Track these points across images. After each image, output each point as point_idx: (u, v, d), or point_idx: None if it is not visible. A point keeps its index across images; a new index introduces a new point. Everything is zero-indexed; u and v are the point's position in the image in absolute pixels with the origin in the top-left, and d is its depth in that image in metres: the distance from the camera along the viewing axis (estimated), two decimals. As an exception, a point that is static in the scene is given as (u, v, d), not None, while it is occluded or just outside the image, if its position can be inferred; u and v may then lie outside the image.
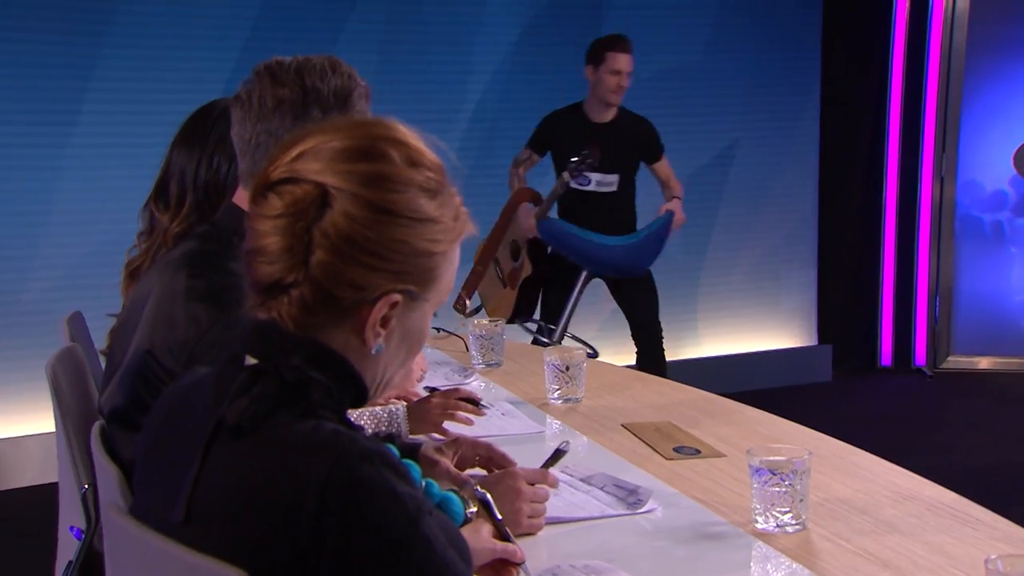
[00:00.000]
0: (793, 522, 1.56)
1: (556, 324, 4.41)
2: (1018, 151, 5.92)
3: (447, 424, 2.02)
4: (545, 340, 4.39)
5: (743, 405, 2.33)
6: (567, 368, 2.29)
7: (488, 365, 2.62)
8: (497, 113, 5.26)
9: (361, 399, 1.11)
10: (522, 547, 1.37)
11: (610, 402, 2.31)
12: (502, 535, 1.35)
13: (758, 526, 1.57)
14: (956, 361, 6.18)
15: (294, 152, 1.08)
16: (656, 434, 2.07)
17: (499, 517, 1.35)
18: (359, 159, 1.07)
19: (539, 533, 1.57)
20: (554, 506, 1.64)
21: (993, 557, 1.18)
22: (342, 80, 1.61)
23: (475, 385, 2.49)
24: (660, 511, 1.65)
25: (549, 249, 4.48)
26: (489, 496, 1.36)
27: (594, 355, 4.53)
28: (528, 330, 4.47)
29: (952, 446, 4.76)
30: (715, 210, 5.79)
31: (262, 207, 1.07)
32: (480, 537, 1.33)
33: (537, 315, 4.55)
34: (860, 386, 5.92)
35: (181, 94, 3.93)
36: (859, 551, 1.49)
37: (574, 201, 4.40)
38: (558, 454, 1.70)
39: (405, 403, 2.05)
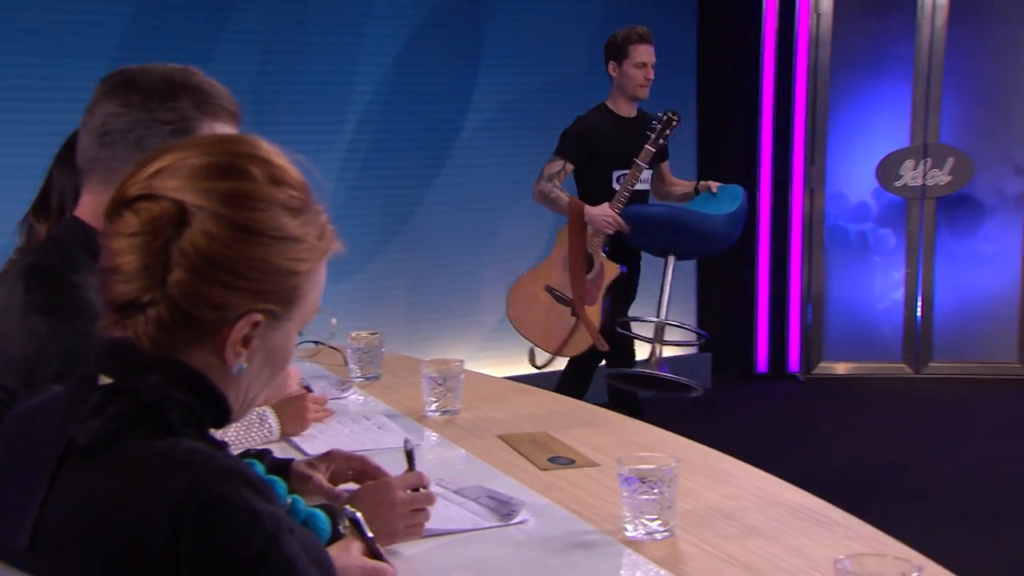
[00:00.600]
0: (661, 529, 1.59)
1: (657, 316, 4.19)
2: (881, 164, 6.18)
3: (322, 444, 2.01)
4: (649, 338, 4.25)
5: (618, 415, 2.36)
6: (444, 380, 2.29)
7: (367, 378, 2.60)
8: (381, 123, 5.25)
9: (223, 418, 1.09)
10: (394, 562, 1.37)
11: (487, 413, 2.32)
12: (373, 553, 1.34)
13: (628, 534, 1.59)
14: (827, 367, 6.40)
15: (152, 168, 1.06)
16: (531, 445, 2.08)
17: (370, 535, 1.34)
18: (219, 176, 1.05)
19: (411, 548, 1.56)
20: (427, 519, 1.64)
21: (842, 557, 1.23)
22: (186, 94, 1.56)
23: (353, 399, 2.47)
24: (533, 522, 1.67)
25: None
26: (359, 514, 1.35)
27: (706, 338, 4.56)
28: (638, 337, 4.22)
29: (823, 449, 4.92)
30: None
31: (117, 225, 1.04)
32: (350, 555, 1.31)
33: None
34: (738, 393, 6.07)
35: (51, 103, 3.80)
36: (723, 556, 1.53)
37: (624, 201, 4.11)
38: (409, 456, 1.68)
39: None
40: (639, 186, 4.12)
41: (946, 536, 3.72)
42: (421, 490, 1.57)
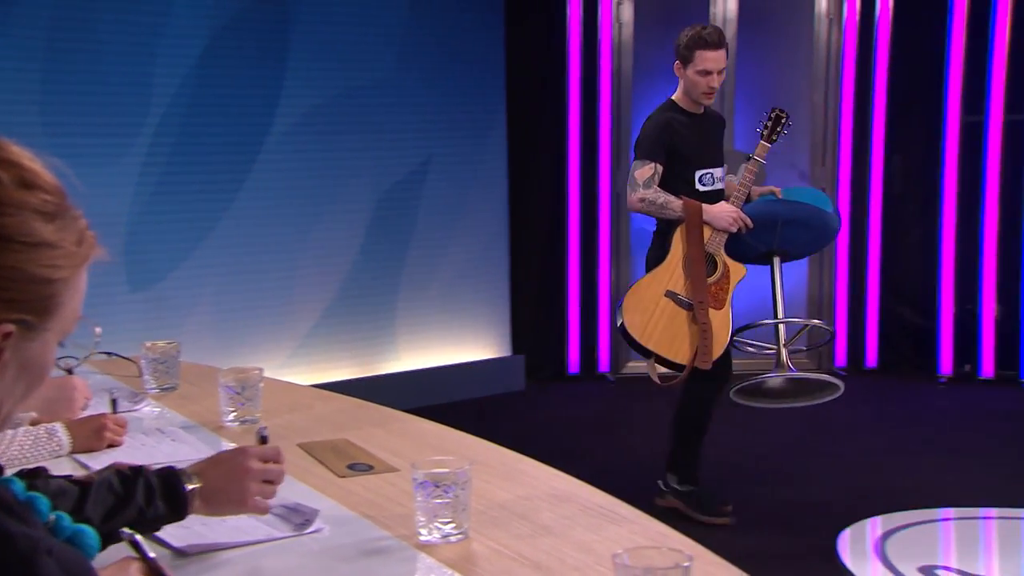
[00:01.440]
0: (455, 532, 1.60)
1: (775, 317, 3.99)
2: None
3: (108, 458, 1.92)
4: (771, 348, 4.07)
5: (419, 418, 2.36)
6: (243, 389, 2.23)
7: (163, 389, 2.51)
8: (184, 127, 5.08)
9: None
10: (178, 579, 1.32)
11: (288, 421, 2.28)
12: (154, 572, 1.29)
13: (422, 538, 1.59)
14: (634, 366, 6.58)
15: None
16: (331, 452, 2.05)
17: (151, 556, 1.29)
18: None
19: (200, 561, 1.52)
20: (217, 531, 1.60)
21: (620, 551, 1.26)
22: None
23: (147, 411, 2.37)
24: (328, 530, 1.64)
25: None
26: (138, 536, 1.30)
27: (831, 338, 4.30)
28: (756, 348, 4.09)
29: (632, 445, 5.07)
30: (412, 226, 5.87)
31: None
32: (127, 574, 1.26)
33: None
34: (551, 393, 6.18)
35: None
36: (514, 555, 1.55)
37: (703, 201, 3.90)
38: (262, 441, 1.67)
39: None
40: (717, 185, 3.93)
41: (743, 524, 3.90)
42: (273, 465, 1.59)
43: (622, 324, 3.79)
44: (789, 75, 6.50)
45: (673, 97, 3.94)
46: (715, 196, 3.88)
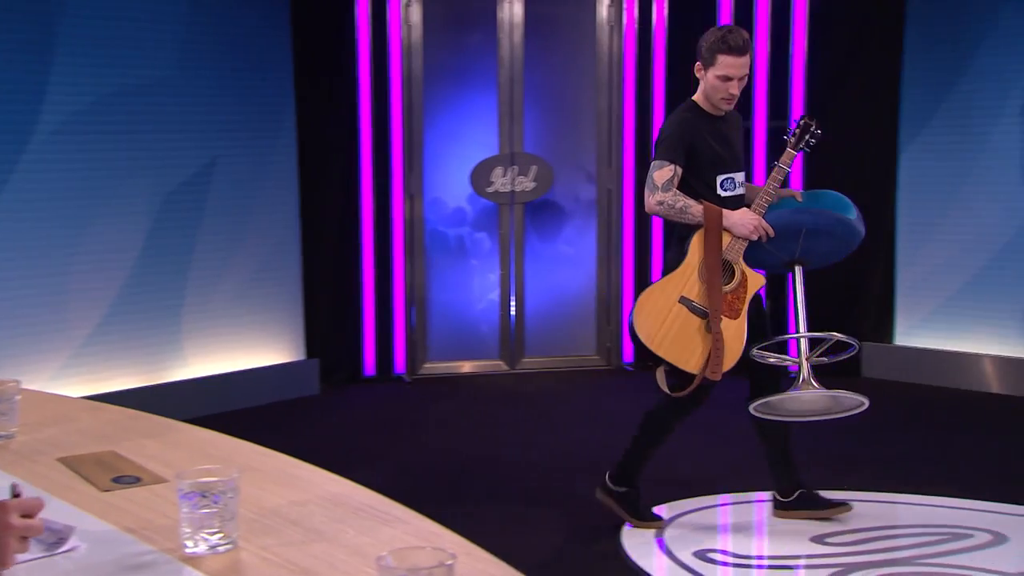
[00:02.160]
0: (224, 542, 1.55)
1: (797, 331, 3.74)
2: (474, 171, 6.50)
3: None
4: (790, 360, 3.77)
5: (196, 427, 2.28)
6: (-3, 403, 2.09)
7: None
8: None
9: None
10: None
11: (50, 436, 2.15)
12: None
13: (188, 550, 1.54)
14: (431, 367, 6.61)
15: None
16: (96, 466, 1.95)
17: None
18: None
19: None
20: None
21: (384, 553, 1.25)
22: None
23: None
24: (85, 548, 1.56)
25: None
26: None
27: (856, 350, 3.96)
28: (779, 359, 3.75)
29: (426, 446, 5.08)
30: (197, 227, 5.68)
31: None
32: None
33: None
34: (346, 397, 6.12)
35: None
36: (284, 563, 1.51)
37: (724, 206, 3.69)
38: (16, 496, 1.54)
39: None
40: (739, 190, 3.74)
41: (528, 519, 3.98)
42: (33, 520, 1.46)
43: (632, 328, 3.63)
44: (575, 80, 6.68)
45: (694, 98, 3.73)
46: (736, 202, 3.70)
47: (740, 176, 3.75)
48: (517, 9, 6.49)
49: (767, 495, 4.09)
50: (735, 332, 3.57)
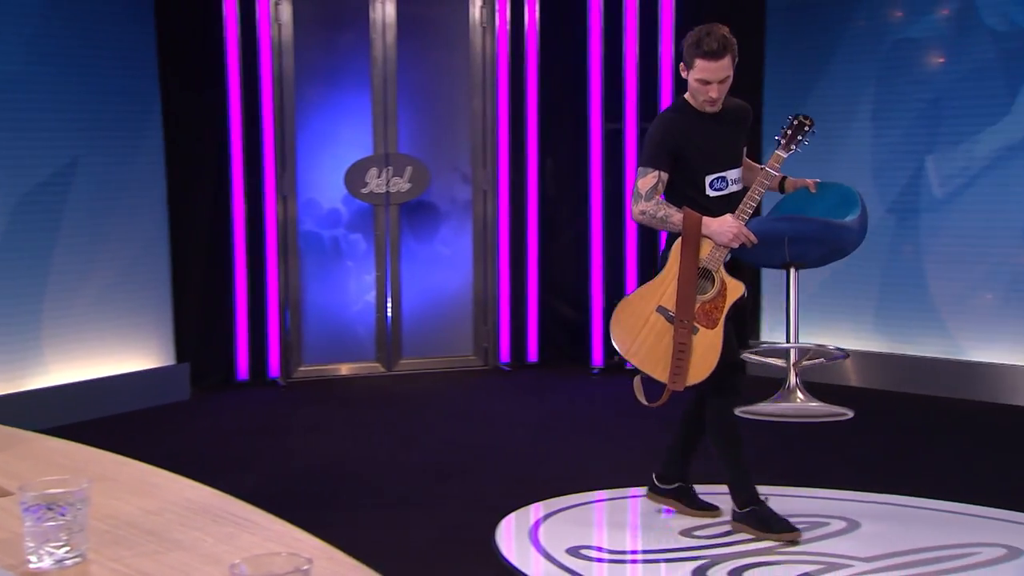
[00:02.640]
0: (71, 555, 1.48)
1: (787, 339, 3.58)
2: (348, 172, 6.42)
3: None
4: (781, 364, 3.57)
5: (47, 437, 2.18)
6: None
7: None
8: None
9: None
10: None
11: None
12: None
13: (32, 565, 1.46)
14: (307, 370, 6.51)
15: None
16: (-64, 480, 1.84)
17: None
18: None
19: None
20: None
21: (238, 561, 1.22)
22: None
23: None
24: (-81, 567, 1.47)
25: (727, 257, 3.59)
26: None
27: (844, 356, 3.71)
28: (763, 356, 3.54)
29: (301, 450, 4.99)
30: (57, 229, 5.46)
31: None
32: None
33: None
34: (219, 402, 5.97)
35: None
36: (136, 573, 1.45)
37: (709, 211, 3.54)
38: None
39: None
40: (731, 188, 3.60)
41: (403, 520, 3.95)
42: None
43: (609, 336, 3.59)
44: (449, 81, 6.68)
45: (685, 95, 3.61)
46: (729, 200, 3.57)
47: (734, 173, 3.60)
48: (389, 9, 6.45)
49: (640, 491, 4.15)
50: (711, 342, 3.46)
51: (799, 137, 3.54)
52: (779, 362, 3.54)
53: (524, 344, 6.76)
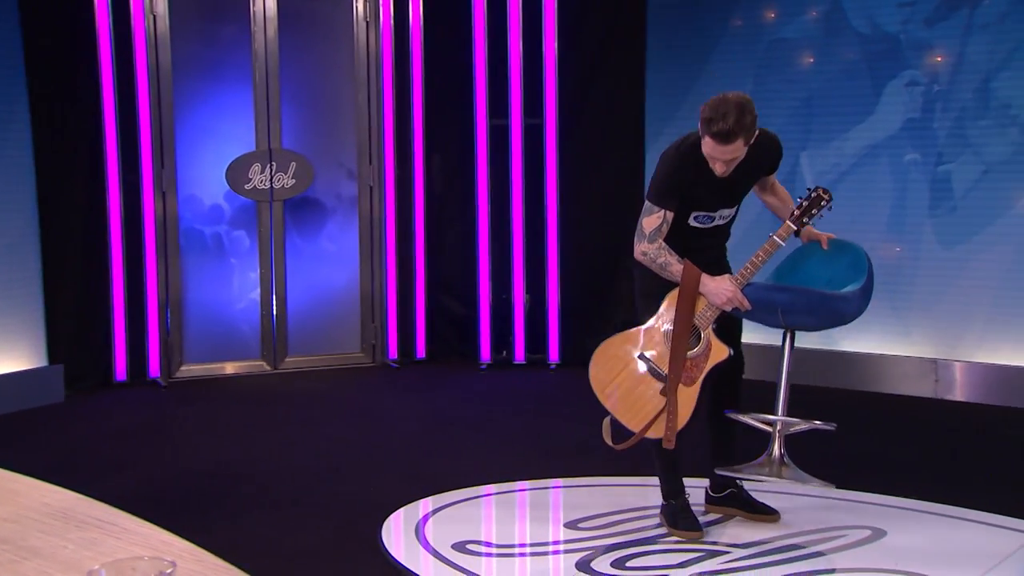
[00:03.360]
0: (-81, 567, 1.39)
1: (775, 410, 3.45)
2: (230, 167, 6.27)
3: None
4: (768, 428, 3.45)
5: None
6: None
7: None
8: None
9: None
10: None
11: None
12: None
13: None
14: (189, 370, 6.33)
15: None
16: None
17: None
18: None
19: None
20: None
21: (97, 567, 1.16)
22: None
23: None
24: None
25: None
26: None
27: (833, 430, 3.56)
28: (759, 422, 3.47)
29: (183, 452, 4.84)
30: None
31: None
32: None
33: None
34: (95, 404, 5.76)
35: None
36: (-10, 585, 1.38)
37: (683, 237, 3.48)
38: None
39: None
40: (717, 222, 3.52)
41: (288, 519, 3.87)
42: None
43: (588, 370, 3.51)
44: (333, 76, 6.58)
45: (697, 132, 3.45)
46: (711, 233, 3.54)
47: (725, 211, 3.52)
48: (270, 2, 6.32)
49: (528, 484, 4.16)
50: (686, 399, 3.42)
51: (814, 211, 3.46)
52: (764, 426, 3.55)
53: (412, 340, 6.71)
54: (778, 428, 3.50)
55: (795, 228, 3.44)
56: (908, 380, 5.70)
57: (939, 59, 5.58)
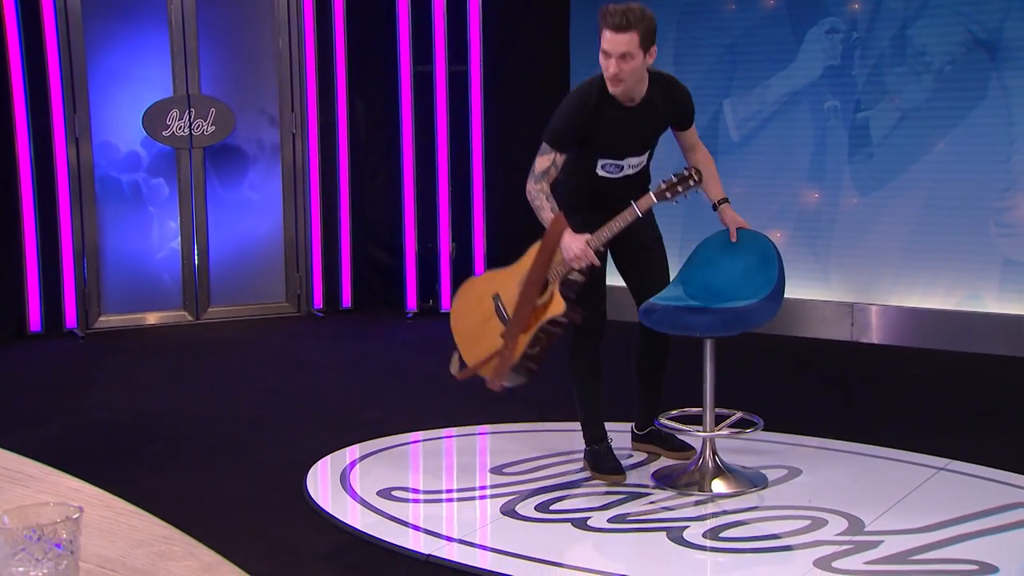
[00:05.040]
0: None
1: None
2: (146, 113, 6.10)
3: None
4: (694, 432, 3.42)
5: None
6: None
7: None
8: None
9: None
10: None
11: None
12: None
13: None
14: (107, 320, 6.21)
15: None
16: None
17: None
18: None
19: None
20: None
21: (0, 512, 1.13)
22: None
23: None
24: None
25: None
26: None
27: (761, 425, 3.45)
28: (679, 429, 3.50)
29: (104, 403, 4.76)
30: None
31: None
32: None
33: None
34: (8, 355, 5.63)
35: None
36: None
37: (593, 188, 3.44)
38: None
39: None
40: (627, 171, 3.45)
41: (211, 468, 3.83)
42: None
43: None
44: (254, 20, 6.42)
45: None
46: (621, 185, 3.46)
47: (633, 159, 3.46)
48: (187, -58, 6.12)
49: (454, 431, 4.17)
50: (518, 345, 3.43)
51: (680, 188, 3.37)
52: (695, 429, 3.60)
53: (338, 290, 6.65)
54: (707, 441, 3.54)
55: (655, 201, 3.38)
56: (826, 324, 5.82)
57: (857, 6, 5.64)
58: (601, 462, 3.65)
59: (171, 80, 6.17)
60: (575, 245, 3.32)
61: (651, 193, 3.39)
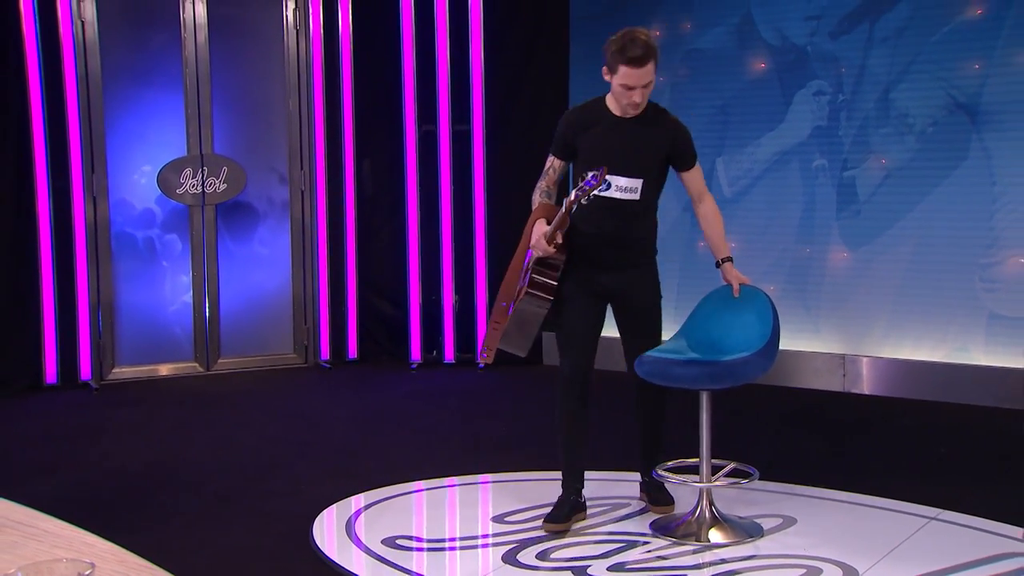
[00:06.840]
0: None
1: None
2: (161, 172, 6.15)
3: None
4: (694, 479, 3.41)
5: None
6: None
7: None
8: None
9: None
10: None
11: None
12: None
13: None
14: (121, 372, 6.20)
15: None
16: None
17: None
18: None
19: None
20: None
21: (13, 570, 1.12)
22: None
23: None
24: None
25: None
26: None
27: (756, 476, 3.46)
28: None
29: (117, 454, 4.73)
30: None
31: None
32: None
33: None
34: (24, 407, 5.61)
35: None
36: (-93, 590, 1.32)
37: (589, 208, 3.49)
38: None
39: None
40: (623, 195, 3.46)
41: (220, 519, 3.80)
42: None
43: None
44: (265, 82, 6.49)
45: (608, 94, 3.50)
46: (616, 205, 3.46)
47: (624, 180, 3.44)
48: (200, 9, 6.21)
49: (456, 480, 4.14)
50: (503, 320, 3.55)
51: (593, 194, 3.41)
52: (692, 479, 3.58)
53: (344, 341, 6.65)
54: (704, 492, 3.52)
55: (573, 200, 3.35)
56: (818, 375, 5.81)
57: (843, 70, 5.70)
58: (552, 509, 3.62)
59: (185, 140, 6.23)
60: (534, 235, 3.46)
61: (575, 191, 3.39)
